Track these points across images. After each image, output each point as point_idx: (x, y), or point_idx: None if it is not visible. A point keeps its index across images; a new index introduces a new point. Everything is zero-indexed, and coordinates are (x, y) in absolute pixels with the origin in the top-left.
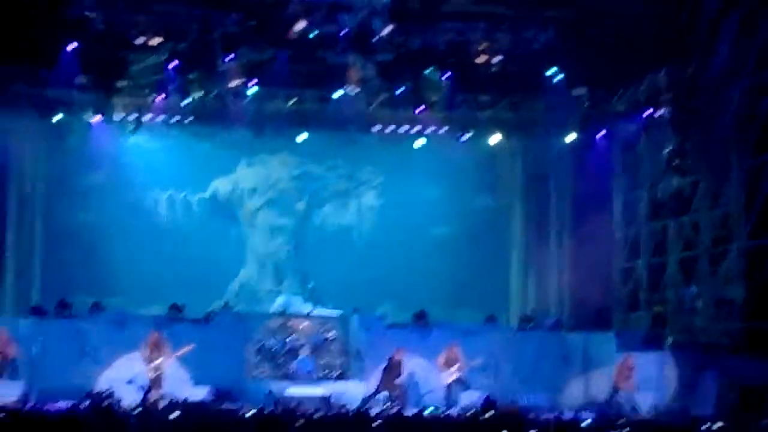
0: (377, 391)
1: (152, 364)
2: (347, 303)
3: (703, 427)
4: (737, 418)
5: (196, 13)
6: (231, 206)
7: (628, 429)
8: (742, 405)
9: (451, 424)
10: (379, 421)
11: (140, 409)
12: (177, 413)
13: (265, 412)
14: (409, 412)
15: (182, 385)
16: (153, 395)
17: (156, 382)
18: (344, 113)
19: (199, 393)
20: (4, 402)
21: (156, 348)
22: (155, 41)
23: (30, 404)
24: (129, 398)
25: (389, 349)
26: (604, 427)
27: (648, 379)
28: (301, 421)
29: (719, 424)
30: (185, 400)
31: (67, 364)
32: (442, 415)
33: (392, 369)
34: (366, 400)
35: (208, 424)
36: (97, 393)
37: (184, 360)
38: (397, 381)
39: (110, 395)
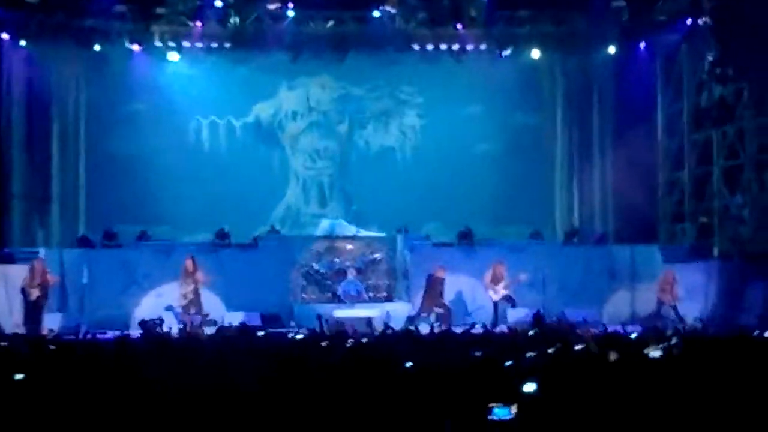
0: (421, 311)
1: (184, 290)
2: (392, 224)
3: (752, 335)
4: None
5: None
6: (273, 130)
7: (675, 340)
8: None
9: (500, 340)
10: (427, 338)
11: (181, 333)
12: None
13: (313, 334)
14: (457, 329)
15: (216, 310)
16: (186, 319)
17: (188, 308)
18: (383, 33)
19: (238, 318)
20: (53, 332)
21: (188, 273)
22: None
23: (82, 334)
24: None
25: (436, 268)
26: (651, 340)
27: (695, 290)
28: (350, 342)
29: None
30: (227, 325)
31: (116, 294)
32: (491, 331)
33: (434, 287)
34: (411, 320)
35: (255, 346)
36: (150, 320)
37: (228, 284)
38: (442, 298)
39: (161, 322)
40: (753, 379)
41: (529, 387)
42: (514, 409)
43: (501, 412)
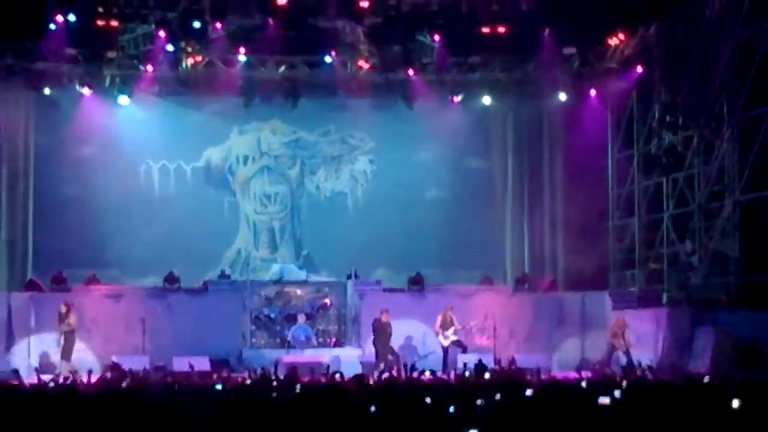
0: (378, 359)
1: (58, 336)
2: (342, 269)
3: (700, 383)
4: (733, 372)
5: None
6: (224, 175)
7: (625, 387)
8: (738, 359)
9: (449, 387)
10: (376, 385)
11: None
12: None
13: (261, 378)
14: (407, 375)
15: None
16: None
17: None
18: (334, 78)
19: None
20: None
21: (61, 318)
22: (144, 10)
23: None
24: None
25: (380, 312)
26: (601, 386)
27: (644, 337)
28: (298, 388)
29: (715, 378)
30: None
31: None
32: (440, 378)
33: (383, 332)
34: (373, 368)
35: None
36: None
37: (177, 328)
38: (390, 343)
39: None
40: (701, 424)
41: None
42: None
43: None
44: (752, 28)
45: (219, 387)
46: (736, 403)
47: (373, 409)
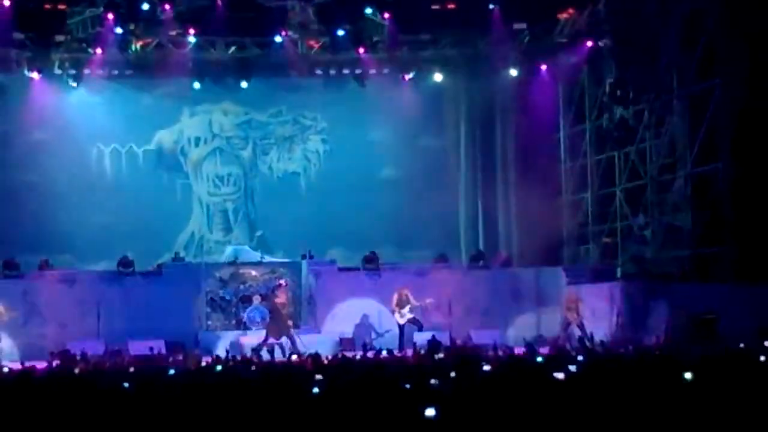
0: (267, 339)
1: None
2: (297, 249)
3: (656, 355)
4: (687, 344)
5: None
6: (176, 157)
7: (580, 361)
8: (692, 331)
9: (405, 365)
10: (331, 363)
11: None
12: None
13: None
14: (362, 354)
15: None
16: None
17: None
18: (285, 58)
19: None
20: None
21: None
22: None
23: None
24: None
25: (341, 293)
26: (557, 361)
27: (598, 311)
28: (253, 369)
29: (669, 351)
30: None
31: (16, 326)
32: (396, 356)
33: (277, 313)
34: (255, 350)
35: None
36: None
37: (132, 312)
38: (289, 323)
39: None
40: (655, 397)
41: (429, 412)
42: None
43: None
44: (700, 2)
45: (172, 371)
46: (688, 375)
47: (316, 390)
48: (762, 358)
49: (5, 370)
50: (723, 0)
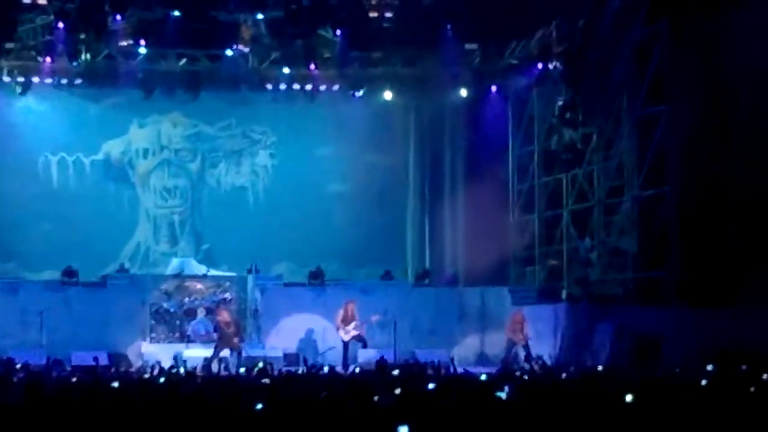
0: (216, 353)
1: None
2: (243, 263)
3: (598, 377)
4: (631, 366)
5: None
6: (124, 168)
7: (524, 381)
8: (636, 354)
9: (349, 382)
10: (267, 381)
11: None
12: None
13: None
14: (305, 370)
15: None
16: None
17: None
18: (236, 72)
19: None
20: None
21: None
22: (43, 0)
23: None
24: None
25: (286, 308)
26: (500, 381)
27: (543, 332)
28: (189, 385)
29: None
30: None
31: None
32: (340, 373)
33: (224, 329)
34: (207, 362)
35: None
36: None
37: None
38: (237, 338)
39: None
40: (595, 418)
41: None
42: None
43: None
44: (651, 27)
45: (115, 384)
46: (629, 398)
47: (259, 406)
48: (703, 382)
49: None
50: (674, 25)
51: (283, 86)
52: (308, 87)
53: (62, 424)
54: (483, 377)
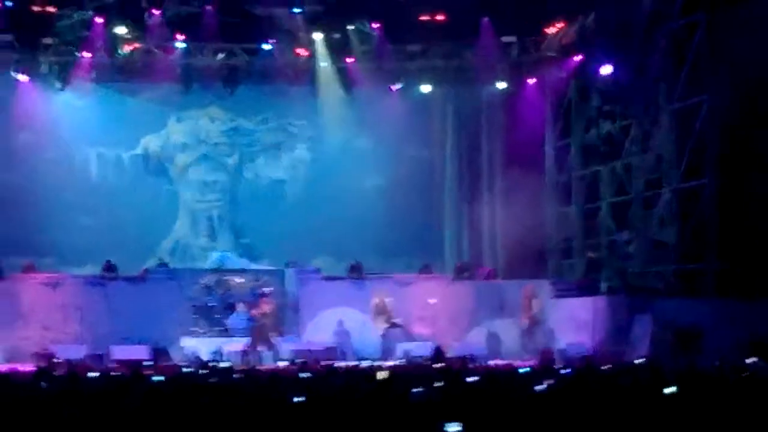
0: (253, 346)
1: None
2: (281, 257)
3: (638, 369)
4: (671, 359)
5: None
6: (162, 163)
7: (566, 373)
8: (675, 347)
9: (391, 374)
10: (306, 374)
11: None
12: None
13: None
14: (346, 363)
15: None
16: None
17: None
18: (273, 66)
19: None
20: None
21: None
22: None
23: None
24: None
25: (325, 301)
26: (541, 373)
27: (582, 325)
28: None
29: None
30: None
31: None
32: (379, 366)
33: (260, 324)
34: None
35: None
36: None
37: (115, 317)
38: (273, 332)
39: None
40: (636, 411)
41: (452, 427)
42: None
43: None
44: (688, 18)
45: (156, 378)
46: (670, 390)
47: (295, 399)
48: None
49: None
50: (711, 15)
51: (320, 80)
52: (346, 80)
53: (103, 418)
54: (523, 370)
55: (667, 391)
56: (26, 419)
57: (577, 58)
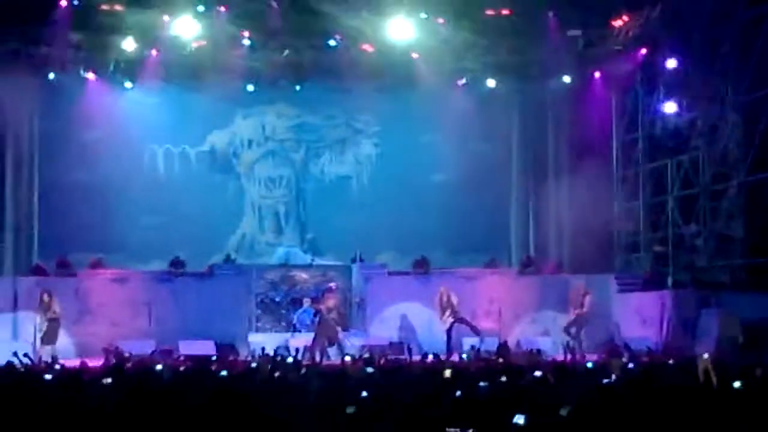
0: (314, 345)
1: (40, 323)
2: (347, 253)
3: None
4: (739, 354)
5: None
6: (228, 159)
7: (631, 368)
8: (743, 342)
9: (456, 369)
10: (371, 369)
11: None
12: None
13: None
14: (412, 358)
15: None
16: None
17: (44, 341)
18: (339, 62)
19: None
20: None
21: (43, 306)
22: None
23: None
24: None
25: (390, 297)
26: (604, 368)
27: (649, 319)
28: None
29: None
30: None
31: (69, 323)
32: (444, 361)
33: (325, 320)
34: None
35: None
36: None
37: (182, 313)
38: (338, 327)
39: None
40: (703, 405)
41: (519, 419)
42: None
43: None
44: (756, 9)
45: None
46: (737, 384)
47: (364, 393)
48: None
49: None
50: None
51: (385, 75)
52: (411, 76)
53: (172, 412)
54: (589, 365)
55: (735, 385)
56: (97, 413)
57: (643, 51)
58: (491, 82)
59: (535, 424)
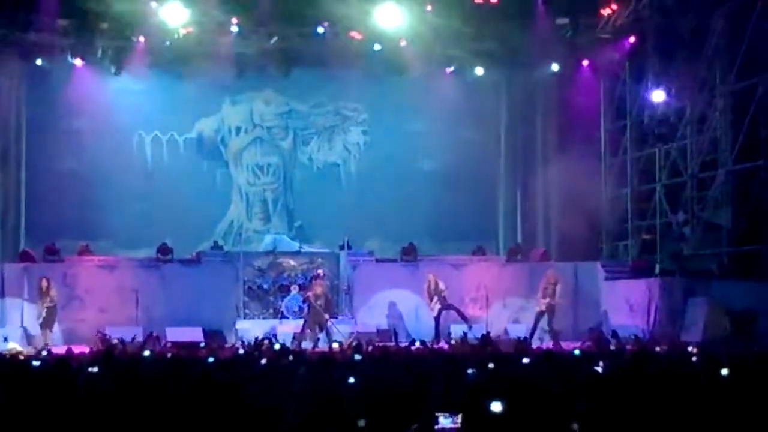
0: (304, 329)
1: (39, 310)
2: (335, 240)
3: (692, 352)
4: (726, 342)
5: None
6: (216, 146)
7: (618, 355)
8: (730, 329)
9: (444, 357)
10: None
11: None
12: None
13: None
14: (398, 345)
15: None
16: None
17: (43, 327)
18: (327, 49)
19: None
20: None
21: (42, 293)
22: None
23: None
24: None
25: (378, 284)
26: (592, 356)
27: (636, 307)
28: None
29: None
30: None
31: (57, 310)
32: (432, 348)
33: (315, 303)
34: (297, 337)
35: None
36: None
37: (170, 299)
38: (326, 314)
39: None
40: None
41: (496, 406)
42: (459, 419)
43: (446, 422)
44: None
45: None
46: (725, 372)
47: (351, 380)
48: None
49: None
50: None
51: (374, 63)
52: (399, 63)
53: (158, 399)
54: (575, 351)
55: (722, 372)
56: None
57: (632, 39)
58: (479, 70)
59: (517, 410)
